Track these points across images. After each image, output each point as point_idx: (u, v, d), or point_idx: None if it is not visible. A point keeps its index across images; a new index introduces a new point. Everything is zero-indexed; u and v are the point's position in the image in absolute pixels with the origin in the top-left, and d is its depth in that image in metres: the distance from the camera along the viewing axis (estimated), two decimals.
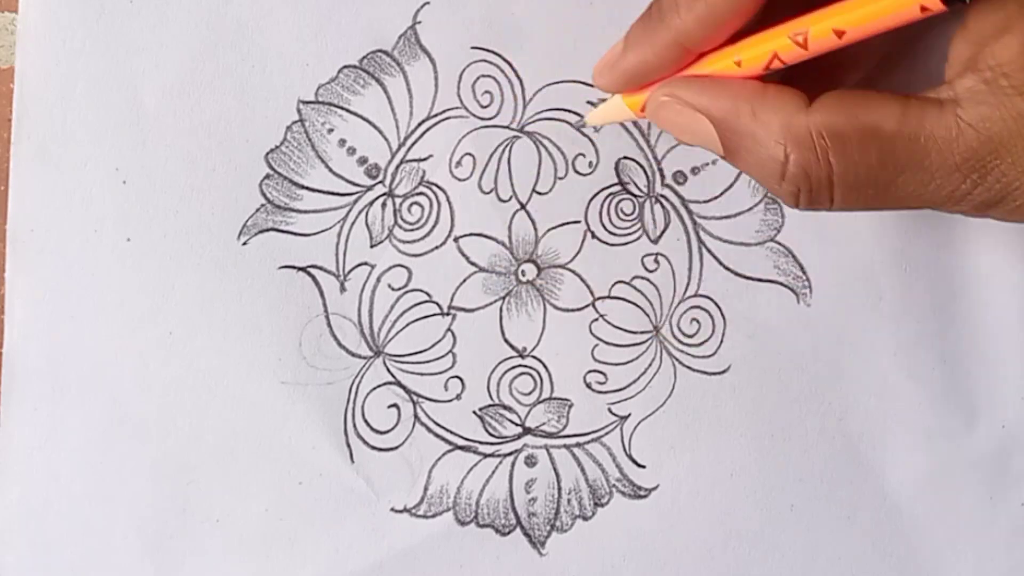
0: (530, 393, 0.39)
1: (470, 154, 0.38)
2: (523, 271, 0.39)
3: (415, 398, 0.39)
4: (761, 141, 0.31)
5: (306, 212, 0.37)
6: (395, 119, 0.38)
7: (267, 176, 0.37)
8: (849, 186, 0.30)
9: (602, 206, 0.39)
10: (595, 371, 0.39)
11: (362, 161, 0.38)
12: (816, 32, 0.29)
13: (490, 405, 0.39)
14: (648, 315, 0.40)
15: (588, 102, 0.38)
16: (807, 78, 0.32)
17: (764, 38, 0.31)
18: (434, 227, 0.38)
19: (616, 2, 0.38)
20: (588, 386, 0.39)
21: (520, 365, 0.39)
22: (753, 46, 0.31)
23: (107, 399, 0.37)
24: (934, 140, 0.29)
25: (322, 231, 0.38)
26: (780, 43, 0.30)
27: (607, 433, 0.40)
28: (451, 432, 0.39)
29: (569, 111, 0.38)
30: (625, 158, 0.39)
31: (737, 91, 0.31)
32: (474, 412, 0.39)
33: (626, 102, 0.34)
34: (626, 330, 0.39)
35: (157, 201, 0.37)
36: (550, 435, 0.39)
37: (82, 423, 0.37)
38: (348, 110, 0.37)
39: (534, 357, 0.39)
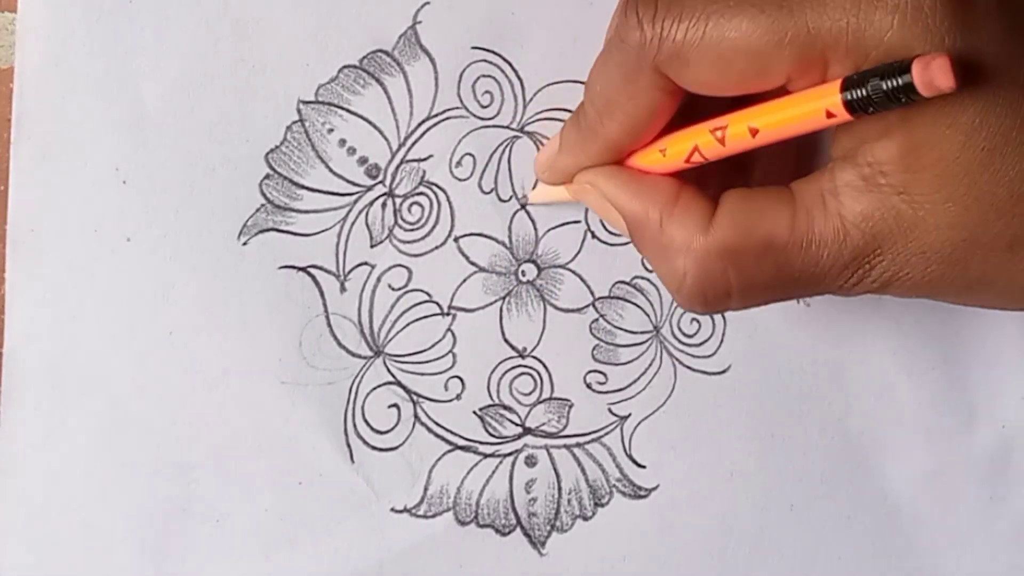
0: (530, 393, 0.39)
1: (470, 154, 0.38)
2: (523, 271, 0.39)
3: (415, 398, 0.39)
4: (664, 253, 0.33)
5: (306, 212, 0.37)
6: (395, 119, 0.38)
7: (267, 176, 0.37)
8: (747, 295, 0.32)
9: None
10: (595, 371, 0.39)
11: (362, 161, 0.38)
12: (733, 130, 0.31)
13: (490, 405, 0.39)
14: (648, 315, 0.40)
15: None
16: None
17: (689, 133, 0.33)
18: (434, 227, 0.38)
19: (616, 2, 0.38)
20: (588, 386, 0.39)
21: (520, 365, 0.39)
22: (678, 139, 0.33)
23: (107, 399, 0.37)
24: (824, 244, 0.31)
25: (322, 231, 0.38)
26: (702, 138, 0.32)
27: (607, 433, 0.40)
28: (451, 432, 0.39)
29: (569, 111, 0.38)
30: None
31: (651, 194, 0.33)
32: (474, 412, 0.39)
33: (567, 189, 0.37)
34: (626, 330, 0.39)
35: (157, 201, 0.37)
36: (550, 435, 0.39)
37: (82, 423, 0.37)
38: (348, 110, 0.37)
39: (534, 357, 0.39)
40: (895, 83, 0.27)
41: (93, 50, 0.36)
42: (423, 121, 0.38)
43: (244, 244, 0.37)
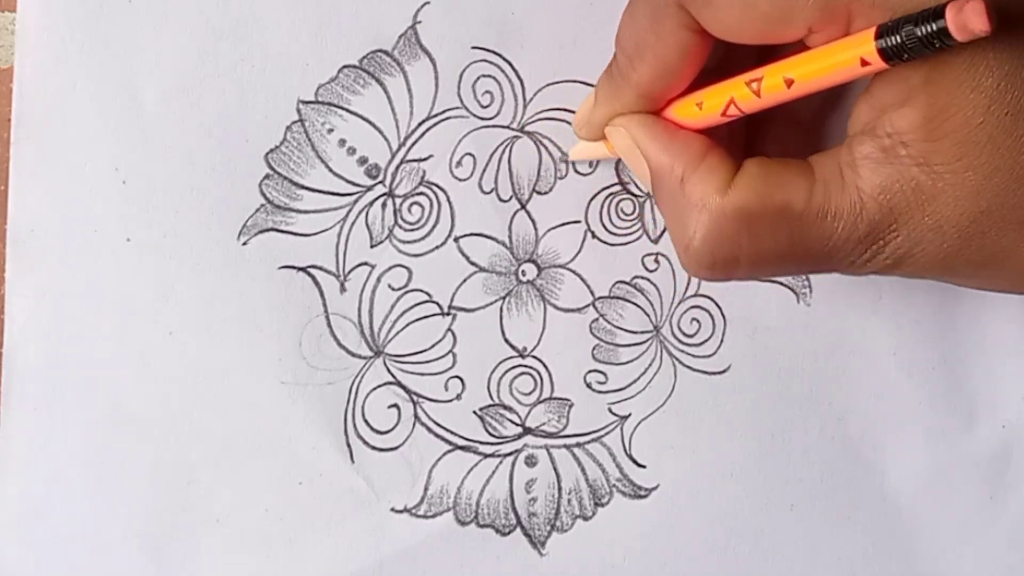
0: (530, 393, 0.39)
1: (470, 154, 0.38)
2: (523, 271, 0.39)
3: (415, 398, 0.39)
4: (679, 209, 0.32)
5: (306, 212, 0.37)
6: (395, 119, 0.38)
7: (267, 176, 0.37)
8: (755, 262, 0.32)
9: (602, 206, 0.39)
10: (595, 371, 0.39)
11: (362, 161, 0.38)
12: (769, 82, 0.31)
13: (490, 405, 0.39)
14: (648, 315, 0.40)
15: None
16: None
17: (724, 86, 0.32)
18: (434, 227, 0.38)
19: (616, 2, 0.38)
20: (588, 386, 0.39)
21: (520, 365, 0.39)
22: (714, 92, 0.33)
23: (107, 399, 0.37)
24: (840, 216, 0.31)
25: (322, 231, 0.38)
26: (738, 91, 0.32)
27: (607, 433, 0.40)
28: (451, 432, 0.39)
29: (570, 111, 0.38)
30: None
31: (679, 149, 0.33)
32: (474, 412, 0.39)
33: (607, 145, 0.36)
34: (626, 330, 0.39)
35: (157, 201, 0.37)
36: (550, 435, 0.39)
37: (82, 423, 0.37)
38: (348, 110, 0.37)
39: (534, 357, 0.39)
40: (929, 28, 0.26)
41: (93, 50, 0.36)
42: (423, 121, 0.38)
43: (244, 244, 0.37)
